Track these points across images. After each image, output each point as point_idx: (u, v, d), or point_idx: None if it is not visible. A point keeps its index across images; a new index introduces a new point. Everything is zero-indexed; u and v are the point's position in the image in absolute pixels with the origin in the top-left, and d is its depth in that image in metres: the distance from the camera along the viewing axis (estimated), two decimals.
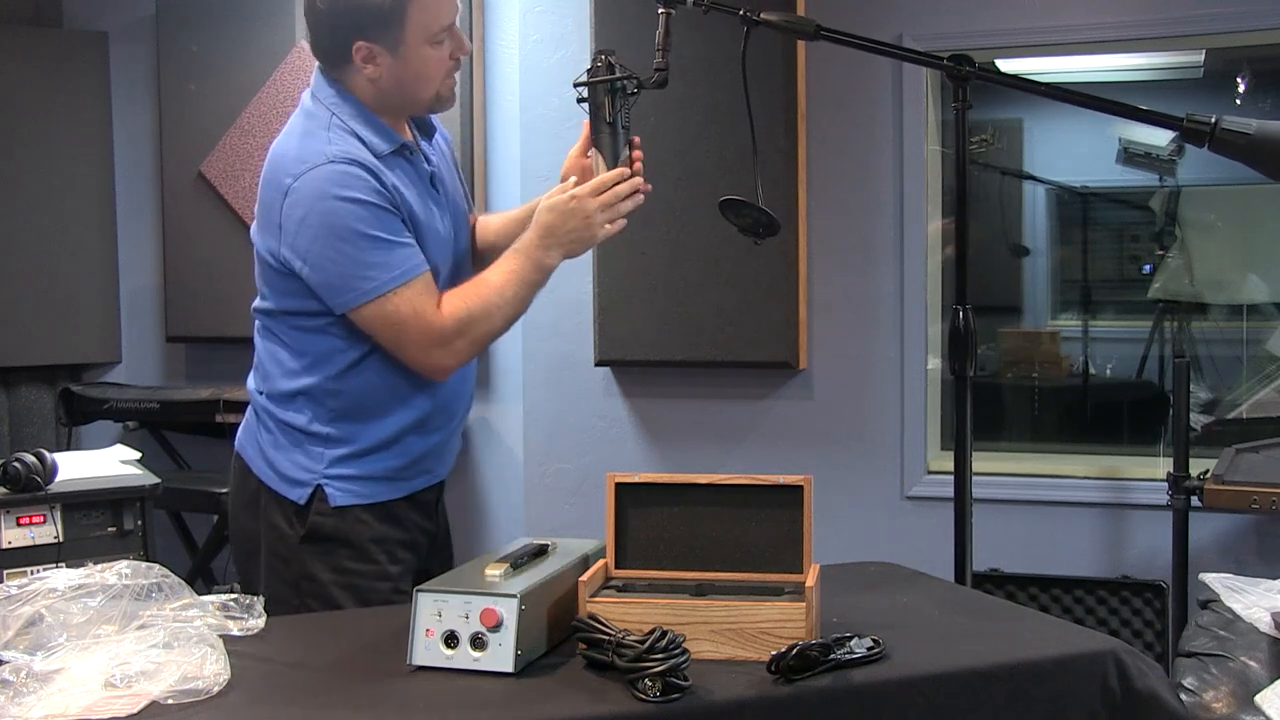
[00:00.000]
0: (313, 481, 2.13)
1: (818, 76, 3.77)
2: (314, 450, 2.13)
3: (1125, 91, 4.58)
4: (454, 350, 2.06)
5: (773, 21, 2.05)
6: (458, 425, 2.29)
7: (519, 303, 2.09)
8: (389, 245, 2.01)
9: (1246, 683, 2.48)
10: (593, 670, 1.54)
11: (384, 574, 2.15)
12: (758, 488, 1.76)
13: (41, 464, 2.91)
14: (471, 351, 2.10)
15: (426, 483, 2.24)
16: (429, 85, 2.11)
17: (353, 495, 2.14)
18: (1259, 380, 4.11)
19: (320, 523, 2.13)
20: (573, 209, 2.05)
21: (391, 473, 2.17)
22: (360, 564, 2.14)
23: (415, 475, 2.21)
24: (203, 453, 4.43)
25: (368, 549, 2.14)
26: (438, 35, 2.06)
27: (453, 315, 2.04)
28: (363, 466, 2.14)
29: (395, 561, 2.17)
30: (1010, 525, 3.62)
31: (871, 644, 1.57)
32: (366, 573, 2.14)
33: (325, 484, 2.13)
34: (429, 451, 2.21)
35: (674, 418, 3.96)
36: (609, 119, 2.07)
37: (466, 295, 2.07)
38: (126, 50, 4.55)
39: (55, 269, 4.44)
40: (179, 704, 1.42)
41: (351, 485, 2.14)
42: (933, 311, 3.80)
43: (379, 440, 2.14)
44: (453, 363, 2.08)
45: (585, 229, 2.06)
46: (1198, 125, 1.94)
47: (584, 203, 2.05)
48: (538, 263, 2.07)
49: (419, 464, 2.21)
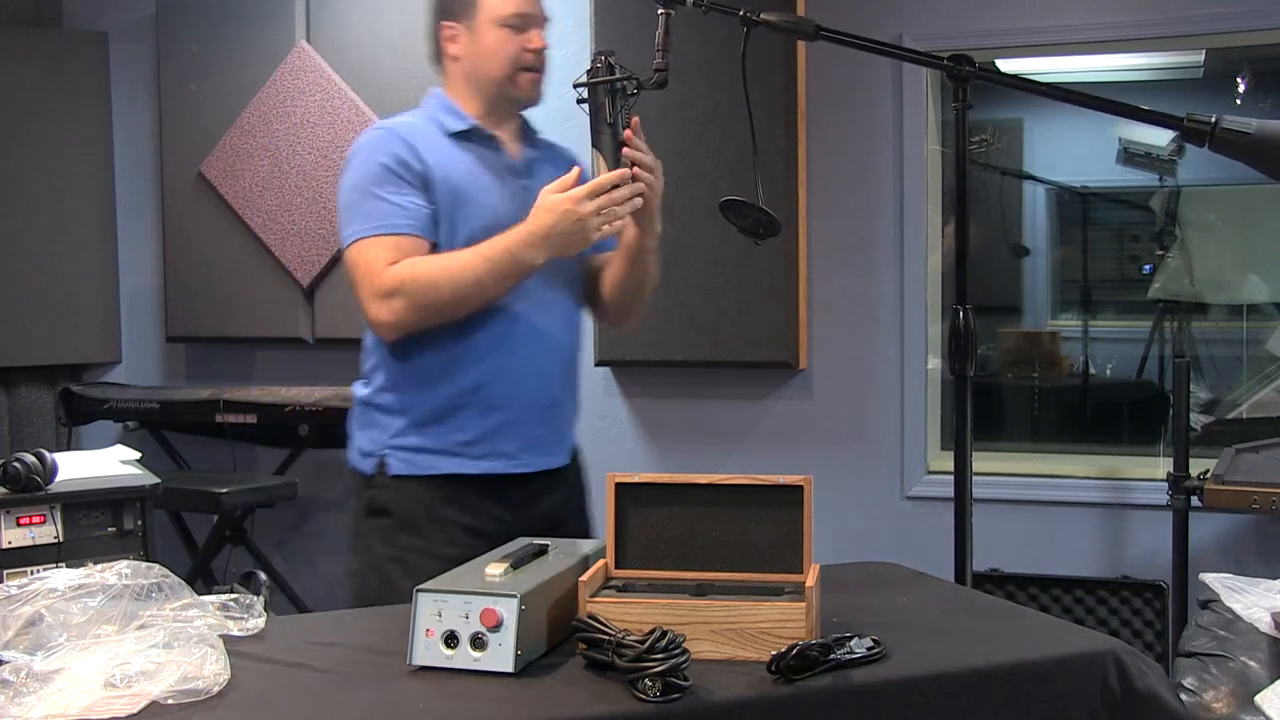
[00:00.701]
0: (378, 453, 2.23)
1: (818, 76, 3.77)
2: (382, 422, 2.24)
3: (1125, 91, 4.58)
4: (390, 307, 2.12)
5: (772, 22, 2.05)
6: (534, 411, 2.25)
7: (479, 286, 2.13)
8: (377, 200, 2.16)
9: (1246, 683, 2.48)
10: (593, 670, 1.54)
11: (434, 553, 2.13)
12: (758, 488, 1.76)
13: (41, 464, 2.91)
14: (412, 315, 2.13)
15: (504, 468, 2.23)
16: (497, 64, 2.24)
17: (411, 465, 2.21)
18: (1259, 380, 4.11)
19: (376, 495, 2.23)
20: (567, 211, 2.08)
21: (453, 447, 2.21)
22: (413, 539, 2.20)
23: (484, 455, 2.22)
24: (203, 453, 4.43)
25: (422, 525, 2.20)
26: (507, 19, 2.22)
27: (393, 275, 2.12)
28: (423, 438, 2.21)
29: (454, 544, 2.16)
30: (1010, 525, 3.62)
31: (871, 644, 1.57)
32: (418, 549, 2.18)
33: (388, 454, 2.22)
34: (496, 430, 2.22)
35: (674, 418, 3.96)
36: (609, 120, 2.07)
37: (420, 262, 2.14)
38: (126, 50, 4.55)
39: (55, 269, 4.45)
40: (179, 704, 1.42)
41: (411, 456, 2.21)
42: (933, 311, 3.80)
43: (436, 409, 2.20)
44: (388, 318, 2.13)
45: (579, 232, 2.08)
46: (1198, 125, 1.94)
47: (580, 206, 2.07)
48: (516, 256, 2.11)
49: (486, 442, 2.22)
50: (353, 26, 4.17)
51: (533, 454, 2.27)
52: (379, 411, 2.25)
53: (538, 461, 2.28)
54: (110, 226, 4.58)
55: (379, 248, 2.14)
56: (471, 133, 2.27)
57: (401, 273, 2.12)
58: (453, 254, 2.16)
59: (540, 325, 2.26)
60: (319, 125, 4.18)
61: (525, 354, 2.24)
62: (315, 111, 4.18)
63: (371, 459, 2.24)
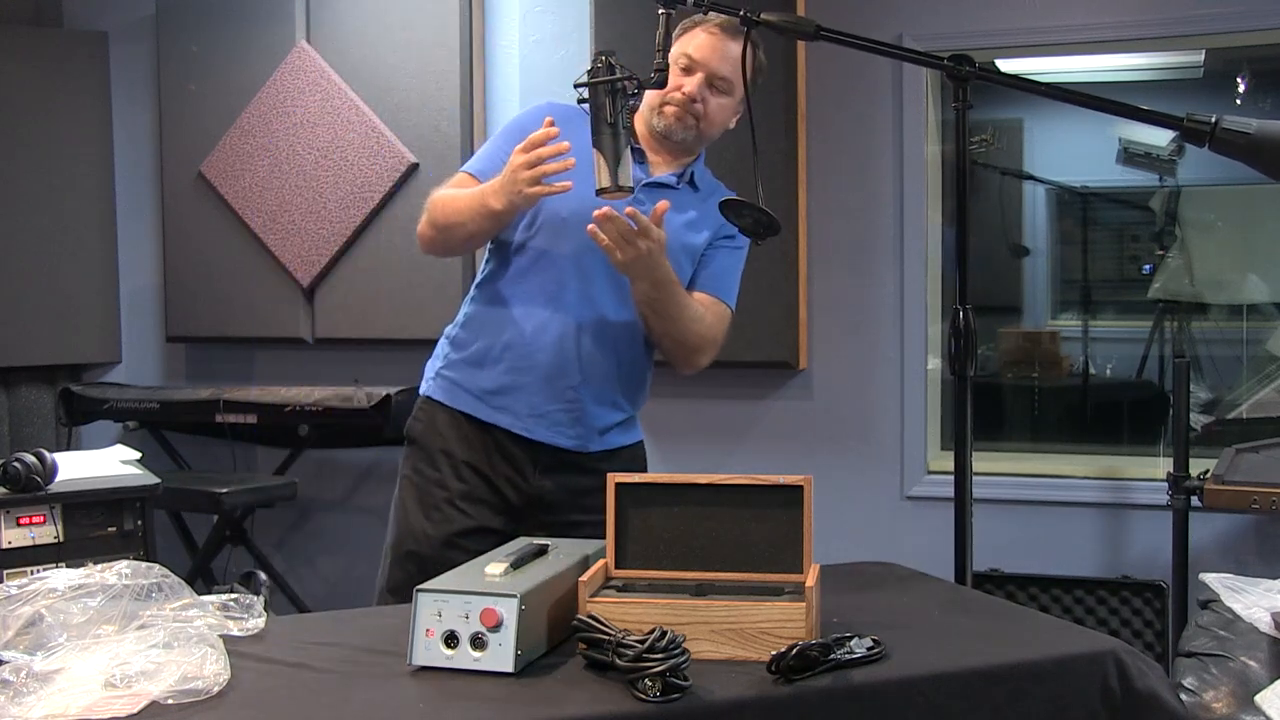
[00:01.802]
0: (433, 377, 2.46)
1: (818, 76, 3.77)
2: (443, 351, 2.47)
3: (1125, 91, 4.58)
4: (421, 225, 2.40)
5: (773, 22, 2.05)
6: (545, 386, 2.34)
7: (458, 217, 2.32)
8: (490, 148, 2.43)
9: (1246, 683, 2.48)
10: (593, 670, 1.54)
11: (442, 483, 2.37)
12: (758, 488, 1.76)
13: (41, 464, 2.91)
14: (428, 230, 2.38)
15: (508, 424, 2.36)
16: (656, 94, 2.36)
17: (441, 392, 2.42)
18: (1259, 380, 4.11)
19: (413, 424, 2.45)
20: (509, 163, 2.21)
21: (479, 391, 2.38)
22: (426, 466, 2.40)
23: (498, 409, 2.37)
24: (203, 453, 4.43)
25: (434, 454, 2.40)
26: (679, 59, 2.37)
27: (431, 199, 2.38)
28: (462, 374, 2.41)
29: (460, 479, 2.37)
30: (1010, 525, 3.62)
31: (871, 644, 1.57)
32: (429, 476, 2.39)
33: (435, 380, 2.45)
34: (511, 388, 2.36)
35: (674, 418, 3.96)
36: (610, 119, 2.07)
37: (446, 193, 2.38)
38: (126, 50, 4.55)
39: (55, 269, 4.44)
40: (179, 704, 1.42)
41: (447, 385, 2.42)
42: (933, 311, 3.81)
43: (477, 354, 2.39)
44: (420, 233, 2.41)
45: (511, 182, 2.19)
46: (1198, 125, 1.94)
47: (513, 158, 2.19)
48: (482, 198, 2.27)
49: (500, 396, 2.36)
50: (353, 26, 4.17)
51: (537, 423, 2.36)
52: (446, 341, 2.48)
53: (542, 433, 2.36)
54: (110, 226, 4.58)
55: (456, 179, 2.42)
56: None
57: (435, 196, 2.38)
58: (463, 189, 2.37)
59: (588, 320, 2.35)
60: (319, 125, 4.18)
61: (555, 335, 2.33)
62: (315, 111, 4.18)
63: (427, 382, 2.47)
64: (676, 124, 2.38)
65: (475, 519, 2.35)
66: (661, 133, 2.40)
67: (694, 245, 2.40)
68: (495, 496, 2.37)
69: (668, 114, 2.38)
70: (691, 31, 2.38)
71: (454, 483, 2.37)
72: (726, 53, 2.35)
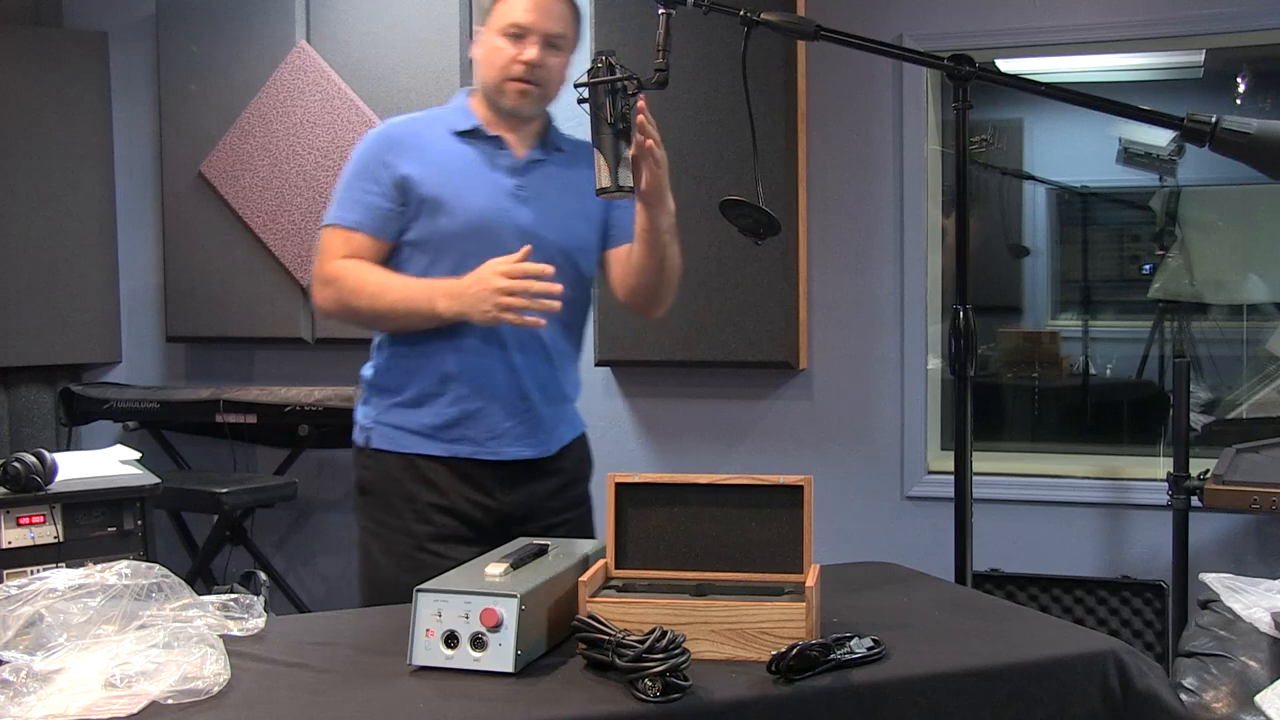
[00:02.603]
0: (368, 426, 2.37)
1: (818, 76, 3.77)
2: (375, 400, 2.38)
3: (1125, 91, 4.58)
4: (323, 294, 2.30)
5: (773, 22, 2.05)
6: (501, 405, 2.30)
7: (390, 313, 2.26)
8: (348, 192, 2.32)
9: (1246, 683, 2.48)
10: (593, 670, 1.54)
11: (407, 530, 2.30)
12: (758, 488, 1.76)
13: (41, 464, 2.91)
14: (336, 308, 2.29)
15: (470, 453, 2.30)
16: (490, 71, 2.31)
17: (388, 440, 2.34)
18: (1259, 380, 4.11)
19: (362, 473, 2.38)
20: (481, 277, 2.15)
21: (427, 430, 2.31)
22: (386, 515, 2.33)
23: (454, 440, 2.31)
24: (203, 453, 4.43)
25: (394, 502, 2.32)
26: (506, 29, 2.28)
27: (333, 268, 2.28)
28: (404, 418, 2.33)
29: (425, 522, 2.30)
30: (1010, 525, 3.62)
31: (871, 644, 1.57)
32: (391, 524, 2.32)
33: (373, 429, 2.36)
34: (463, 418, 2.30)
35: (674, 418, 3.97)
36: (610, 119, 2.07)
37: (357, 268, 2.27)
38: (126, 50, 4.55)
39: (55, 269, 4.44)
40: (179, 704, 1.42)
41: (391, 432, 2.34)
42: (933, 311, 3.80)
43: (415, 394, 2.32)
44: (319, 303, 2.33)
45: (482, 300, 2.14)
46: (1198, 125, 1.94)
47: (492, 278, 2.13)
48: (429, 300, 2.21)
49: (455, 428, 2.30)
50: (353, 26, 4.17)
51: (501, 443, 2.32)
52: (373, 389, 2.39)
53: (508, 450, 2.32)
54: (110, 226, 4.58)
55: (335, 238, 2.30)
56: (474, 133, 2.34)
57: (340, 269, 2.27)
58: (389, 275, 2.28)
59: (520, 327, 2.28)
60: (319, 125, 4.18)
61: (501, 350, 2.29)
62: (315, 111, 4.18)
63: (363, 433, 2.38)
64: (523, 99, 2.30)
65: (449, 557, 2.22)
66: (510, 112, 2.32)
67: (589, 209, 2.35)
68: (465, 527, 2.31)
69: (511, 91, 2.29)
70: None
71: (419, 527, 2.30)
72: (552, 9, 2.28)
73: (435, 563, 2.22)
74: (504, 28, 2.27)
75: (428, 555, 2.26)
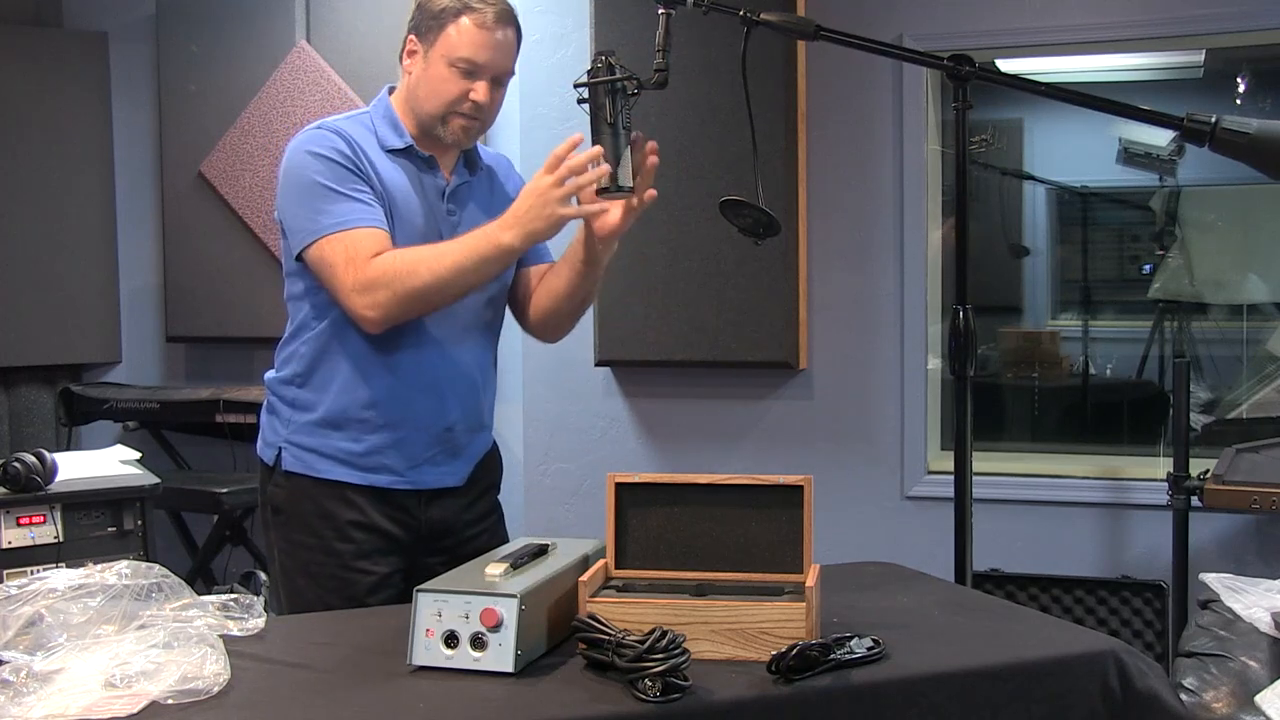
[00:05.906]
0: (278, 444, 2.25)
1: (818, 76, 3.77)
2: (284, 414, 2.25)
3: (1125, 91, 4.58)
4: (375, 300, 2.08)
5: (773, 22, 2.05)
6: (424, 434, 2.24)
7: (459, 271, 2.08)
8: (338, 196, 2.14)
9: (1246, 683, 2.47)
10: (593, 670, 1.54)
11: (328, 549, 2.20)
12: (758, 488, 1.76)
13: (41, 464, 2.91)
14: (396, 306, 2.09)
15: (389, 483, 2.22)
16: (435, 101, 2.21)
17: (302, 464, 2.22)
18: (1259, 380, 4.11)
19: (275, 492, 2.25)
20: (529, 188, 2.05)
21: (345, 455, 2.21)
22: (304, 536, 2.22)
23: (374, 469, 2.21)
24: (203, 453, 4.43)
25: (311, 522, 2.22)
26: (457, 62, 2.18)
27: (377, 267, 2.08)
28: (317, 439, 2.22)
29: (346, 540, 2.20)
30: (1010, 525, 3.62)
31: (871, 644, 1.57)
32: (310, 546, 2.22)
33: (285, 448, 2.24)
34: (385, 446, 2.21)
35: (674, 418, 3.96)
36: (610, 119, 2.06)
37: (401, 252, 2.12)
38: (126, 50, 4.55)
39: (55, 269, 4.44)
40: (179, 704, 1.42)
41: (305, 455, 2.23)
42: (933, 311, 3.80)
43: (332, 416, 2.21)
44: (374, 313, 2.09)
45: (542, 206, 2.02)
46: (1198, 125, 1.94)
47: (539, 180, 2.03)
48: (492, 238, 2.07)
49: (375, 456, 2.21)
50: (353, 26, 4.17)
51: (420, 472, 2.25)
52: (283, 402, 2.27)
53: (427, 479, 2.26)
54: (110, 226, 4.58)
55: (355, 241, 2.10)
56: (407, 151, 2.25)
57: (385, 264, 2.08)
58: (431, 245, 2.15)
59: (451, 352, 2.24)
60: None
61: (425, 379, 2.22)
62: (315, 111, 4.18)
63: (271, 450, 2.26)
64: (464, 135, 2.23)
65: (373, 571, 2.21)
66: (450, 144, 2.25)
67: None
68: (386, 542, 2.23)
69: (456, 127, 2.21)
70: (459, 25, 2.17)
71: (341, 545, 2.20)
72: (505, 45, 2.21)
73: (362, 579, 2.20)
74: (456, 60, 2.17)
75: (353, 573, 2.19)
